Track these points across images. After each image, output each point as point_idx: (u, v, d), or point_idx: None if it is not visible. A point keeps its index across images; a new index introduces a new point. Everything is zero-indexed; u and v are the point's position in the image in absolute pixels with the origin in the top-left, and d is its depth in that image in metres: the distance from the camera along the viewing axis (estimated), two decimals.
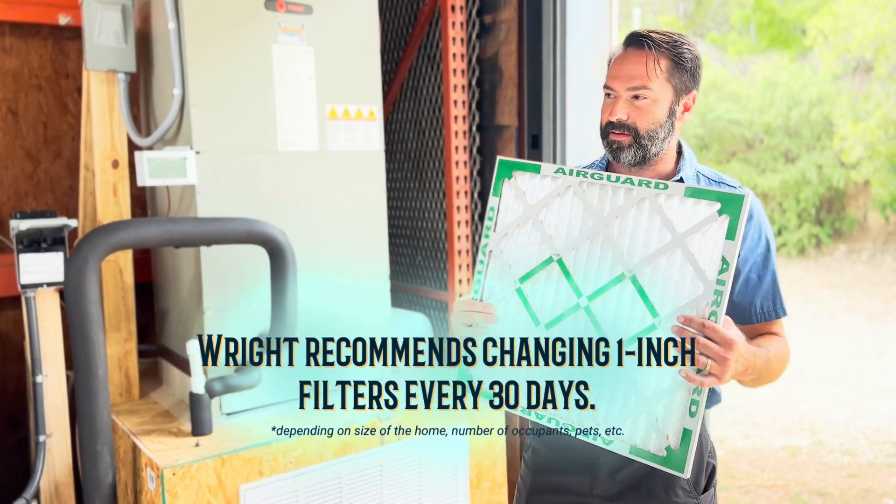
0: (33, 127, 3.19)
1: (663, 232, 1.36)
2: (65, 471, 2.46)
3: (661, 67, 1.51)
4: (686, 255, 1.34)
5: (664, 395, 1.35)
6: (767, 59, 14.04)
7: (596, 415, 1.43)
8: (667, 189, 1.36)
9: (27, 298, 2.40)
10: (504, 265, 1.53)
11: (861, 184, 12.63)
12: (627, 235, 1.40)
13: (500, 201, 1.54)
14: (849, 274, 11.58)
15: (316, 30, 2.56)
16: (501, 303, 1.53)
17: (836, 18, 11.98)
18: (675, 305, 1.35)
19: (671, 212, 1.36)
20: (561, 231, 1.47)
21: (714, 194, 1.33)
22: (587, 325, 1.43)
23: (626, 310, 1.40)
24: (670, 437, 1.35)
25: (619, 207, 1.41)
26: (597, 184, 1.44)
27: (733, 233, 1.30)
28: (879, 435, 5.30)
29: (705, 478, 1.63)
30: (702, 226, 1.33)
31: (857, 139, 11.68)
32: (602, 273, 1.42)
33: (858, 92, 12.26)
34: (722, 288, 1.31)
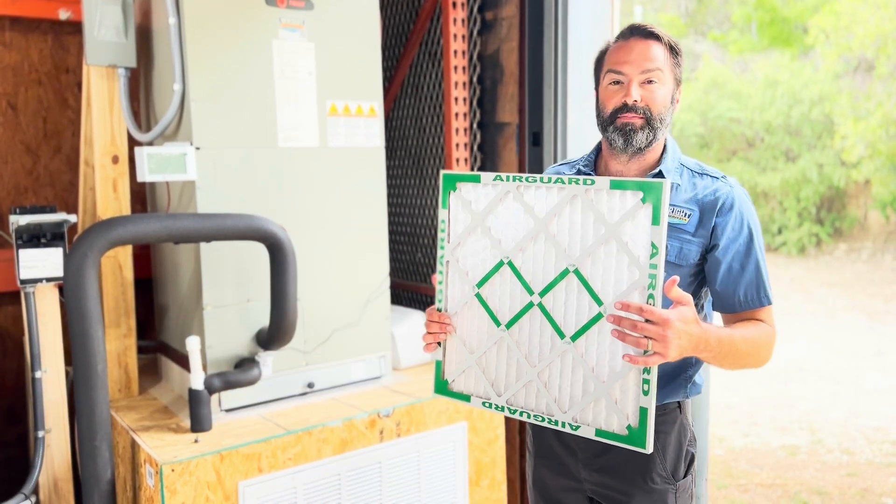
0: (33, 122, 3.18)
1: (598, 225, 1.44)
2: (64, 466, 2.46)
3: (664, 56, 1.58)
4: (620, 244, 1.42)
5: (618, 377, 1.43)
6: (769, 57, 14.01)
7: (561, 403, 1.51)
8: (594, 184, 1.44)
9: (26, 294, 2.39)
10: (462, 273, 1.62)
11: (862, 183, 12.62)
12: (566, 232, 1.48)
13: (448, 213, 1.63)
14: (849, 273, 11.58)
15: (317, 25, 2.55)
16: (465, 308, 1.62)
17: (837, 17, 11.96)
18: (616, 292, 1.43)
19: (601, 205, 1.44)
20: (507, 234, 1.56)
21: (635, 184, 1.40)
22: (542, 321, 1.52)
23: (574, 302, 1.48)
24: (629, 416, 1.43)
25: (555, 206, 1.49)
26: (532, 186, 1.52)
27: (657, 218, 1.37)
28: (878, 434, 5.30)
29: (684, 465, 1.69)
30: (630, 215, 1.40)
31: (857, 138, 11.67)
32: (548, 270, 1.51)
33: (859, 91, 12.24)
34: (655, 271, 1.38)
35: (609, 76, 1.59)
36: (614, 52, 1.60)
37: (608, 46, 1.64)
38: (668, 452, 1.66)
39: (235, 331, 2.48)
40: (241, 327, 2.49)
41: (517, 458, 3.05)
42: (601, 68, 1.65)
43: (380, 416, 2.46)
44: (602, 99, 1.62)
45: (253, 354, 2.51)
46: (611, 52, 1.62)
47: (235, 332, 2.48)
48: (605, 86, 1.61)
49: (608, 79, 1.60)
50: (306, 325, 2.60)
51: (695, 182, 1.63)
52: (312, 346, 2.62)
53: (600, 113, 1.63)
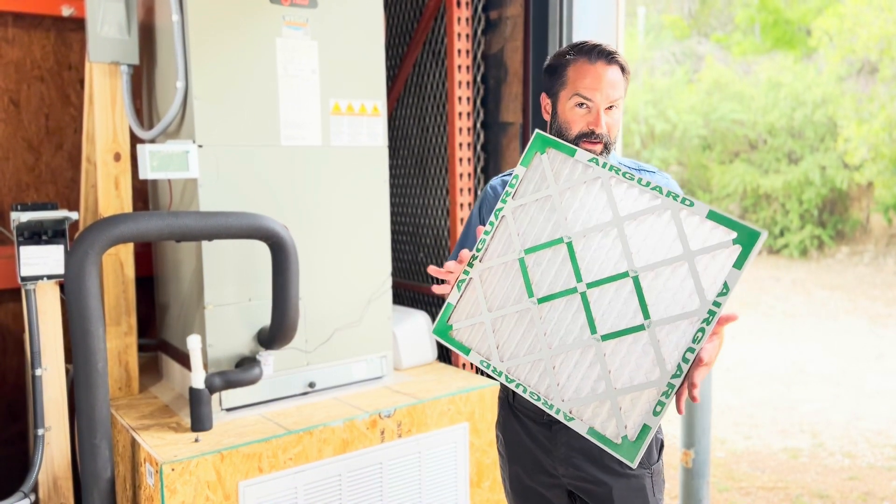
0: (35, 118, 3.17)
1: (675, 244, 1.43)
2: (63, 464, 2.45)
3: (620, 78, 1.67)
4: (692, 270, 1.40)
5: (634, 390, 1.42)
6: (772, 59, 13.99)
7: (564, 391, 1.49)
8: (692, 206, 1.42)
9: (27, 291, 2.38)
10: (514, 232, 1.58)
11: (864, 186, 12.60)
12: (641, 237, 1.46)
13: (526, 171, 1.60)
14: (850, 276, 11.55)
15: (320, 24, 2.54)
16: (501, 267, 1.59)
17: (841, 19, 11.93)
18: (669, 313, 1.41)
19: (688, 228, 1.43)
20: (578, 216, 1.53)
21: (733, 223, 1.38)
22: (578, 309, 1.50)
23: (619, 305, 1.46)
24: (629, 427, 1.42)
25: (641, 211, 1.47)
26: (625, 182, 1.50)
27: (741, 263, 1.36)
28: (880, 438, 5.28)
29: (656, 451, 1.78)
30: (714, 248, 1.39)
31: (860, 141, 11.64)
32: (606, 265, 1.48)
33: (863, 93, 12.22)
34: (717, 309, 1.37)
35: (575, 98, 1.66)
36: (580, 73, 1.65)
37: (567, 59, 1.68)
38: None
39: (236, 330, 2.47)
40: (242, 326, 2.48)
41: None
42: (560, 82, 1.69)
43: (381, 417, 2.45)
44: (566, 119, 1.68)
45: (254, 353, 2.50)
46: (576, 72, 1.66)
47: (236, 331, 2.47)
48: (571, 106, 1.66)
49: (574, 100, 1.66)
50: (308, 324, 2.58)
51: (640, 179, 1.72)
52: (314, 346, 2.61)
53: (561, 131, 1.69)
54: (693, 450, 3.41)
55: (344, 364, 2.69)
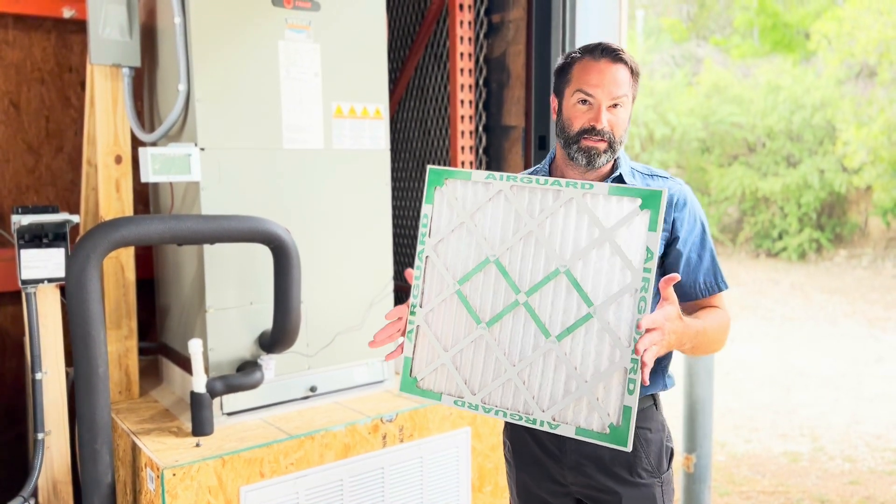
0: (35, 120, 3.16)
1: (592, 228, 1.47)
2: (63, 469, 2.43)
3: (626, 78, 1.65)
4: (614, 247, 1.45)
5: (603, 377, 1.45)
6: (771, 62, 14.01)
7: (540, 401, 1.51)
8: (592, 188, 1.47)
9: (28, 294, 2.37)
10: (442, 268, 1.60)
11: (863, 189, 12.61)
12: (559, 233, 1.50)
13: (432, 208, 1.61)
14: (849, 279, 11.56)
15: (323, 26, 2.53)
16: (441, 305, 1.60)
17: (839, 23, 11.95)
18: (608, 293, 1.45)
19: (597, 209, 1.47)
20: (495, 233, 1.56)
21: (635, 191, 1.44)
22: (526, 320, 1.52)
23: (562, 302, 1.49)
24: (612, 414, 1.44)
25: (549, 208, 1.50)
26: (526, 187, 1.53)
27: (654, 225, 1.42)
28: (880, 442, 5.28)
29: (666, 460, 1.77)
30: (626, 220, 1.44)
31: (859, 144, 11.66)
32: (537, 270, 1.52)
33: (861, 97, 12.23)
34: (648, 275, 1.42)
35: (578, 94, 1.64)
36: (584, 70, 1.64)
37: (573, 59, 1.68)
38: (651, 447, 1.73)
39: (238, 334, 2.46)
40: (243, 330, 2.47)
41: None
42: (566, 80, 1.69)
43: (383, 421, 2.44)
44: (569, 116, 1.67)
45: (255, 357, 2.48)
46: (580, 69, 1.65)
47: (238, 335, 2.46)
48: (573, 103, 1.66)
49: (577, 97, 1.65)
50: (309, 328, 2.57)
51: (648, 183, 1.75)
52: (315, 350, 2.60)
53: (564, 127, 1.68)
54: (695, 454, 3.40)
55: (345, 368, 2.68)
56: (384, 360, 2.75)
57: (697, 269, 1.71)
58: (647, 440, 1.73)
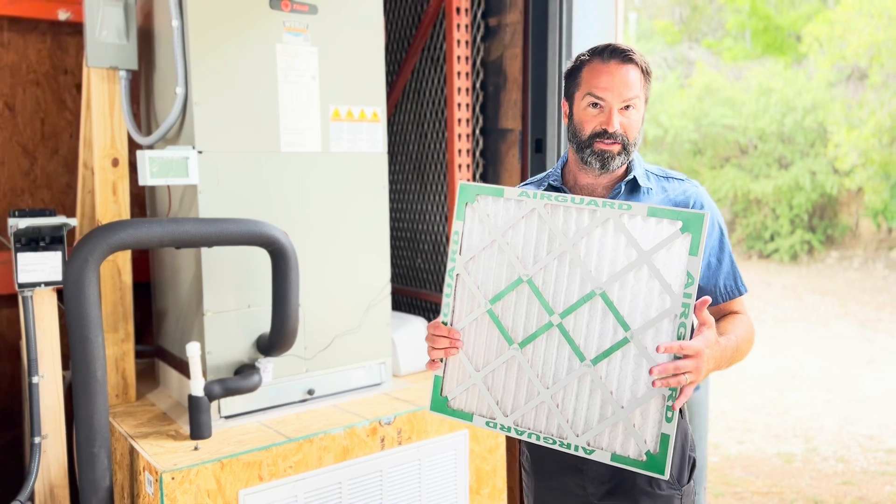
0: (30, 123, 3.15)
1: (629, 250, 1.42)
2: (60, 473, 2.42)
3: (638, 79, 1.62)
4: (652, 270, 1.40)
5: (640, 403, 1.41)
6: (762, 65, 14.08)
7: (575, 426, 1.48)
8: (630, 209, 1.42)
9: (24, 298, 2.36)
10: (473, 287, 1.57)
11: (854, 191, 12.69)
12: (595, 254, 1.46)
13: (464, 225, 1.58)
14: (841, 281, 11.63)
15: (320, 30, 2.54)
16: (473, 324, 1.57)
17: (831, 26, 12.02)
18: (645, 319, 1.41)
19: (635, 230, 1.42)
20: (528, 252, 1.52)
21: (675, 213, 1.39)
22: (560, 342, 1.49)
23: (597, 325, 1.45)
24: (648, 441, 1.42)
25: (585, 228, 1.46)
26: (560, 206, 1.49)
27: (696, 249, 1.37)
28: (872, 442, 5.31)
29: (687, 471, 1.72)
30: (666, 243, 1.40)
31: (850, 146, 11.73)
32: (572, 291, 1.47)
33: (853, 99, 12.31)
34: (689, 301, 1.38)
35: (588, 98, 1.62)
36: (594, 73, 1.62)
37: (582, 61, 1.65)
38: (674, 459, 1.68)
39: (236, 337, 2.46)
40: (241, 333, 2.47)
41: (518, 467, 3.03)
42: (576, 84, 1.66)
43: (381, 424, 2.44)
44: (580, 119, 1.65)
45: (253, 361, 2.48)
46: (589, 72, 1.63)
47: (236, 338, 2.46)
48: (584, 107, 1.63)
49: (587, 100, 1.62)
50: (307, 331, 2.57)
51: (663, 185, 1.71)
52: (313, 353, 2.60)
53: (576, 132, 1.66)
54: None
55: (343, 371, 2.68)
56: (381, 363, 2.76)
57: (717, 273, 1.68)
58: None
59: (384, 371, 2.78)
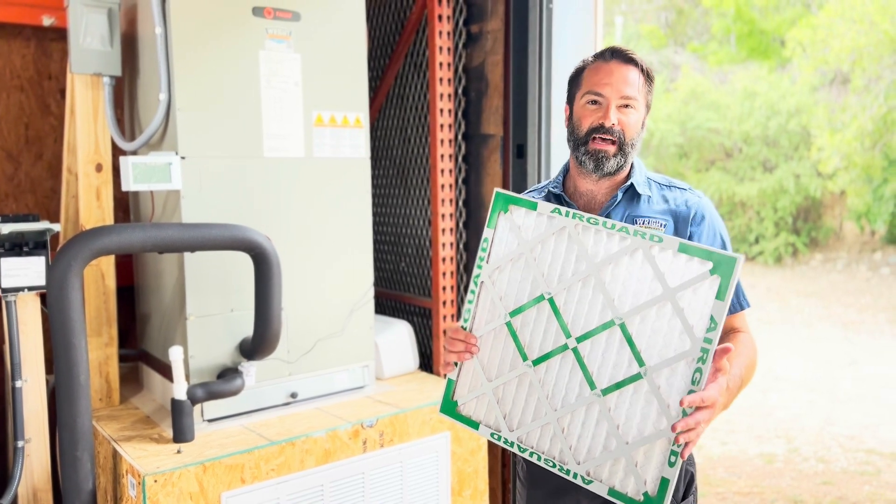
0: (14, 128, 3.16)
1: (654, 283, 1.39)
2: (43, 477, 2.43)
3: (639, 81, 1.62)
4: (676, 309, 1.37)
5: (645, 442, 1.39)
6: (747, 69, 14.21)
7: (577, 453, 1.47)
8: (661, 242, 1.39)
9: (8, 303, 2.37)
10: (495, 297, 1.56)
11: (837, 194, 12.83)
12: (619, 283, 1.43)
13: (494, 233, 1.57)
14: (824, 282, 11.75)
15: (303, 37, 2.56)
16: (490, 334, 1.57)
17: (814, 31, 12.16)
18: (662, 357, 1.38)
19: (664, 265, 1.39)
20: (554, 270, 1.50)
21: (706, 253, 1.34)
22: (574, 366, 1.47)
23: (613, 356, 1.43)
24: (648, 483, 1.39)
25: (613, 255, 1.44)
26: (592, 228, 1.47)
27: (723, 294, 1.32)
28: (853, 443, 5.38)
29: (684, 485, 1.68)
30: (693, 283, 1.36)
31: (833, 150, 11.85)
32: (592, 316, 1.45)
33: (835, 103, 12.45)
34: (709, 346, 1.33)
35: (587, 96, 1.62)
36: (594, 72, 1.62)
37: (586, 64, 1.66)
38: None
39: (219, 340, 2.48)
40: (224, 337, 2.49)
41: (499, 468, 3.07)
42: (577, 86, 1.67)
43: (363, 427, 2.47)
44: (578, 116, 1.64)
45: (236, 364, 2.50)
46: (589, 72, 1.63)
47: (219, 342, 2.48)
48: (583, 104, 1.63)
49: (586, 98, 1.62)
50: (290, 334, 2.60)
51: (665, 195, 1.68)
52: (296, 356, 2.63)
53: (574, 130, 1.65)
54: None
55: (326, 374, 2.71)
56: (364, 366, 2.78)
57: None
58: None
59: (367, 374, 2.81)
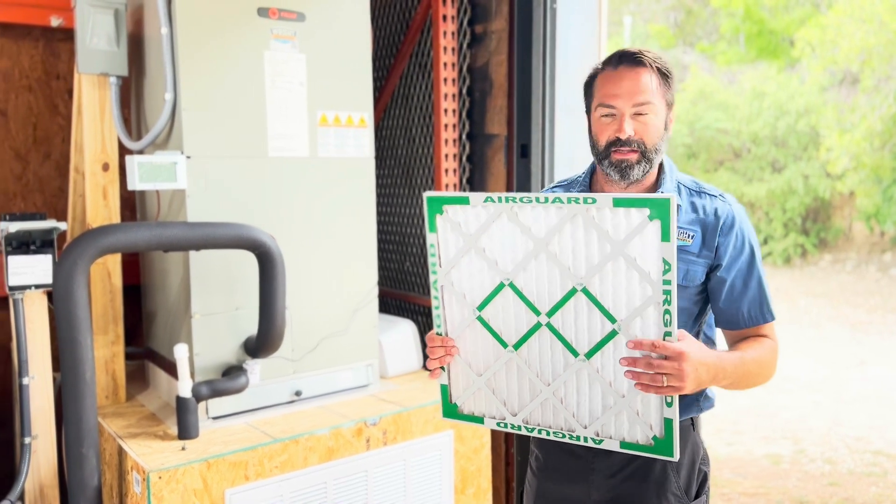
0: (23, 128, 3.19)
1: (602, 243, 1.41)
2: (50, 473, 2.46)
3: (654, 83, 1.56)
4: (628, 260, 1.39)
5: (639, 391, 1.43)
6: (756, 69, 14.16)
7: (581, 418, 1.50)
8: (595, 203, 1.39)
9: (15, 300, 2.40)
10: (459, 296, 1.58)
11: (846, 194, 12.77)
12: (569, 251, 1.44)
13: (437, 236, 1.58)
14: (833, 283, 11.69)
15: (308, 37, 2.58)
16: (466, 332, 1.59)
17: (823, 30, 12.11)
18: (630, 308, 1.41)
19: (605, 223, 1.40)
20: (505, 256, 1.51)
21: (640, 201, 1.35)
22: (552, 340, 1.50)
23: (585, 320, 1.46)
24: (654, 427, 1.43)
25: (555, 226, 1.44)
26: (527, 206, 1.47)
27: (667, 235, 1.34)
28: (860, 444, 5.36)
29: (696, 484, 1.68)
30: (636, 232, 1.37)
31: (842, 150, 11.80)
32: (554, 289, 1.47)
33: (845, 104, 12.39)
34: (669, 287, 1.36)
35: (600, 109, 1.58)
36: (604, 82, 1.58)
37: (597, 71, 1.63)
38: (682, 471, 1.66)
39: (223, 339, 2.50)
40: (229, 335, 2.51)
41: (503, 467, 3.07)
42: (591, 96, 1.64)
43: (366, 425, 2.48)
44: (595, 131, 1.62)
45: (241, 362, 2.52)
46: (600, 82, 1.60)
47: (223, 340, 2.50)
48: (598, 118, 1.60)
49: (599, 111, 1.58)
50: (294, 333, 2.61)
51: (693, 201, 1.64)
52: (300, 355, 2.64)
53: (594, 144, 1.63)
54: None
55: (330, 372, 2.72)
56: (368, 365, 2.80)
57: (742, 297, 1.61)
58: (679, 463, 1.64)
59: (371, 373, 2.82)
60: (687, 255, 1.61)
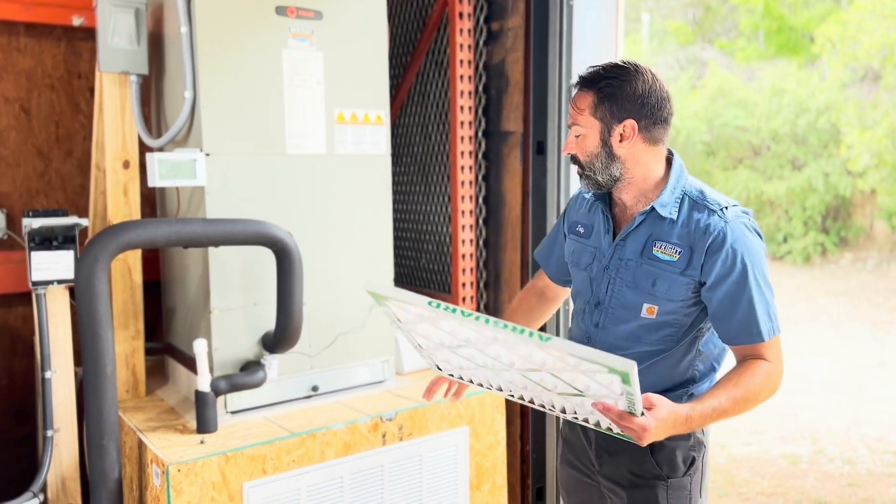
0: (45, 126, 3.23)
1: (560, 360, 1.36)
2: (71, 465, 2.50)
3: (587, 104, 1.66)
4: (588, 374, 1.35)
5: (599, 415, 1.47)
6: (775, 65, 14.02)
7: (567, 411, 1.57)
8: (549, 341, 1.31)
9: (38, 295, 2.44)
10: (437, 341, 1.59)
11: (867, 192, 12.60)
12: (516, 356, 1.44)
13: (386, 310, 1.63)
14: (854, 282, 11.56)
15: (325, 35, 2.60)
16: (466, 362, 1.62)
17: (844, 27, 11.96)
18: (597, 394, 1.39)
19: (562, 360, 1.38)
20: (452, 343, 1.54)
21: (600, 358, 1.28)
22: (527, 381, 1.51)
23: (550, 383, 1.45)
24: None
25: (490, 339, 1.43)
26: (441, 315, 1.43)
27: (628, 380, 1.28)
28: (880, 444, 5.31)
29: (683, 465, 1.73)
30: (597, 372, 1.34)
31: (863, 148, 11.66)
32: (514, 373, 1.49)
33: (866, 100, 12.23)
34: (632, 397, 1.33)
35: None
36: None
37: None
38: (664, 450, 1.72)
39: (242, 334, 2.52)
40: (247, 330, 2.53)
41: (518, 464, 3.08)
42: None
43: (382, 420, 2.50)
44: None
45: (258, 357, 2.55)
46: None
47: (242, 336, 2.52)
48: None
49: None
50: (311, 329, 2.63)
51: (691, 215, 1.64)
52: (317, 350, 2.66)
53: None
54: None
55: (346, 368, 2.74)
56: (385, 361, 2.81)
57: (730, 317, 1.59)
58: (661, 444, 1.69)
59: (387, 369, 2.84)
60: (671, 271, 1.63)
